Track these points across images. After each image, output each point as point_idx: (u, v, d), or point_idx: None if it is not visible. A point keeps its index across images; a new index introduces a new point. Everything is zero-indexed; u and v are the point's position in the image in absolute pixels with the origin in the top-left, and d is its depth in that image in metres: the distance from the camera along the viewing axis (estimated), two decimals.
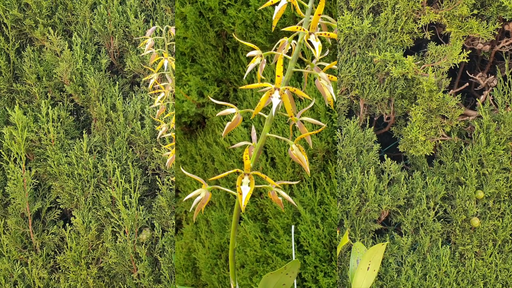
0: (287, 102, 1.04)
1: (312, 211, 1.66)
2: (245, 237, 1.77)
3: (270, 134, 1.07)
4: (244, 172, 1.05)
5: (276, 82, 1.02)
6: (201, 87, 1.89)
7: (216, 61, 1.88)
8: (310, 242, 1.65)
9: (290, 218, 1.70)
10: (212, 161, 1.89)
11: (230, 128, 1.07)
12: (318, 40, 1.02)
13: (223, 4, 1.79)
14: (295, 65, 1.06)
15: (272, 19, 1.06)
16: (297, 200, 1.68)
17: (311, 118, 1.08)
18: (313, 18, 1.02)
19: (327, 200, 1.64)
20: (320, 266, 1.63)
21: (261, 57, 1.07)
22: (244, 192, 1.04)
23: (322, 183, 1.66)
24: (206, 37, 1.86)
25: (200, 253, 1.92)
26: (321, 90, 1.06)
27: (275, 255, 1.71)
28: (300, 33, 1.04)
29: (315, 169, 1.69)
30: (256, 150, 1.07)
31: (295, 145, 1.06)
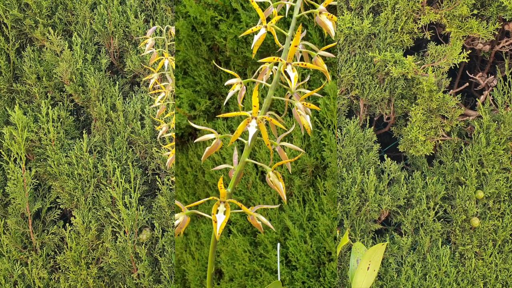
0: (264, 130, 1.04)
1: (300, 226, 1.67)
2: (234, 251, 1.77)
3: (249, 160, 1.07)
4: (220, 199, 1.04)
5: (253, 112, 1.03)
6: (193, 99, 1.90)
7: (208, 75, 1.89)
8: (298, 257, 1.65)
9: (279, 233, 1.70)
10: (203, 173, 1.89)
11: (209, 153, 1.07)
12: (295, 71, 1.02)
13: (215, 19, 1.80)
14: (275, 92, 1.06)
15: (252, 48, 1.07)
16: (286, 215, 1.69)
17: (290, 144, 1.08)
18: (290, 49, 1.03)
19: (315, 215, 1.64)
20: (308, 282, 1.63)
21: (240, 84, 1.07)
22: (219, 220, 1.03)
23: (311, 198, 1.66)
24: (199, 51, 1.87)
25: (189, 265, 1.92)
26: (297, 118, 1.06)
27: (264, 269, 1.71)
28: (279, 62, 1.05)
29: (304, 184, 1.69)
30: (235, 175, 1.07)
31: (272, 172, 1.06)
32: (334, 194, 1.64)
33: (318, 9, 1.07)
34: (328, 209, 1.63)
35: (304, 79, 1.16)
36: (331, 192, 1.63)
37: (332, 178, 1.65)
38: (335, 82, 1.64)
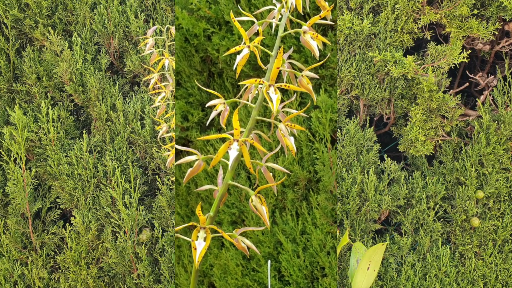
0: (246, 153, 1.01)
1: (294, 241, 1.66)
2: (227, 265, 1.77)
3: (232, 183, 1.04)
4: (200, 225, 1.00)
5: (235, 134, 1.00)
6: (186, 111, 1.90)
7: (201, 86, 1.90)
8: (291, 272, 1.64)
9: (272, 247, 1.69)
10: (195, 185, 1.89)
11: (191, 175, 1.04)
12: (278, 93, 1.00)
13: (207, 31, 1.80)
14: (259, 113, 1.04)
15: (235, 68, 1.05)
16: (279, 228, 1.68)
17: (276, 165, 1.05)
18: (272, 71, 1.00)
19: (309, 230, 1.64)
20: None
21: (224, 104, 1.05)
22: (198, 247, 0.99)
23: (304, 212, 1.66)
24: (191, 62, 1.88)
25: (182, 278, 1.91)
26: (281, 140, 1.04)
27: (257, 284, 1.71)
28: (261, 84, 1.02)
29: (297, 198, 1.69)
30: (217, 199, 1.04)
31: (255, 196, 1.03)
32: (328, 209, 1.63)
33: (302, 29, 1.04)
34: (321, 223, 1.63)
35: (290, 98, 1.14)
36: (324, 207, 1.62)
37: (325, 192, 1.64)
38: (327, 95, 1.64)
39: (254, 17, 1.07)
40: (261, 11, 1.06)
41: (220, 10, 1.79)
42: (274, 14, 1.08)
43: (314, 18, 1.03)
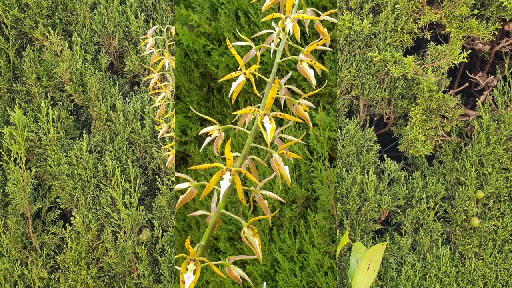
0: (238, 183, 1.00)
1: (291, 259, 1.65)
2: (223, 282, 1.76)
3: (225, 212, 1.02)
4: (189, 257, 0.97)
5: (227, 164, 0.99)
6: (185, 125, 1.90)
7: (201, 101, 1.90)
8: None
9: (268, 266, 1.68)
10: (193, 200, 1.89)
11: (183, 202, 1.02)
12: (273, 122, 0.98)
13: (207, 47, 1.81)
14: (253, 140, 1.02)
15: (230, 95, 1.04)
16: (276, 246, 1.67)
17: (270, 193, 1.04)
18: (267, 101, 0.99)
19: (306, 248, 1.63)
20: None
21: (218, 131, 1.04)
22: (187, 281, 0.96)
23: (301, 230, 1.65)
24: (191, 77, 1.88)
25: None
26: (275, 169, 1.02)
27: None
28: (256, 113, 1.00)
29: (295, 216, 1.68)
30: (209, 227, 1.03)
31: (248, 228, 1.01)
32: (325, 228, 1.62)
33: (299, 57, 1.02)
34: (319, 242, 1.62)
35: (288, 123, 1.13)
36: (322, 226, 1.61)
37: (323, 211, 1.63)
38: (326, 113, 1.63)
39: (253, 41, 1.05)
40: (261, 34, 1.05)
41: (220, 27, 1.79)
42: (272, 37, 1.06)
43: (312, 45, 1.01)
